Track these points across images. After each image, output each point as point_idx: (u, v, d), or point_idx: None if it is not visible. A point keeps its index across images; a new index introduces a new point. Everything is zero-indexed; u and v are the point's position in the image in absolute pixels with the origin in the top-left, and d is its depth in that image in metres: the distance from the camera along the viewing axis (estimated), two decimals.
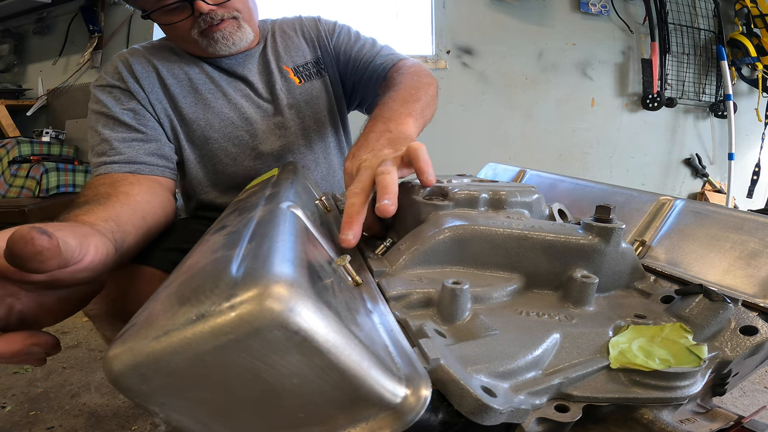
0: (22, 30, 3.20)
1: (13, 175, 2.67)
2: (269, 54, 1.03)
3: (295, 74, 1.04)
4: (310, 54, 1.08)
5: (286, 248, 0.34)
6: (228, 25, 0.90)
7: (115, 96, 0.91)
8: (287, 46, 1.06)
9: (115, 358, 0.27)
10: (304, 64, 1.06)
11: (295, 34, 1.09)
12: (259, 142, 1.02)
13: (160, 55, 0.97)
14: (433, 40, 2.75)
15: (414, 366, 0.33)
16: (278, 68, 1.04)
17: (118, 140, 0.86)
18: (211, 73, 0.98)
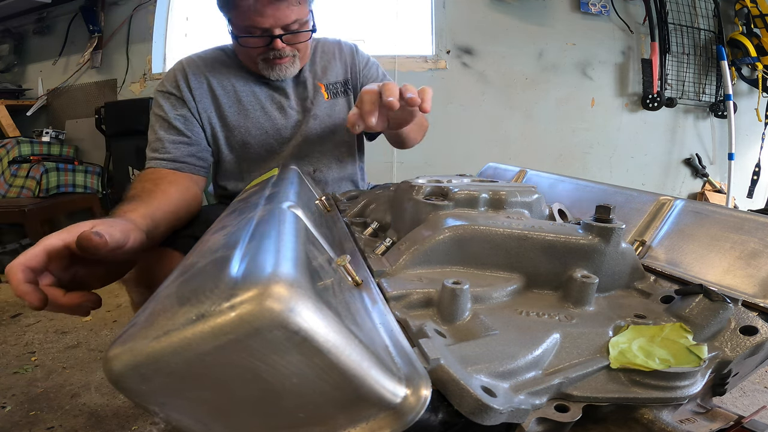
0: (22, 30, 3.20)
1: (13, 175, 2.67)
2: (307, 71, 1.22)
3: (326, 90, 1.23)
4: (342, 75, 1.26)
5: (286, 248, 0.34)
6: (287, 61, 1.10)
7: (171, 102, 1.10)
8: (325, 65, 1.24)
9: (115, 358, 0.27)
10: (335, 83, 1.24)
11: (333, 55, 1.27)
12: (284, 147, 1.21)
13: (213, 67, 1.16)
14: (433, 40, 2.75)
15: (414, 366, 0.33)
16: (314, 84, 1.22)
17: (169, 141, 1.07)
18: (254, 87, 1.17)
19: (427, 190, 0.67)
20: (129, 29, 2.98)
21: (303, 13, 1.07)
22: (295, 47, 1.10)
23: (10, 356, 1.79)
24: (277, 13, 1.02)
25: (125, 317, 2.16)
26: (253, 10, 1.01)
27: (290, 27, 1.06)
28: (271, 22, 1.03)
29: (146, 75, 3.00)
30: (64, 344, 1.89)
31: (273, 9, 1.01)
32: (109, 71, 3.07)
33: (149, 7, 2.94)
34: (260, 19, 1.02)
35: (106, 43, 3.03)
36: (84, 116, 3.11)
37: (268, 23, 1.03)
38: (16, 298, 2.49)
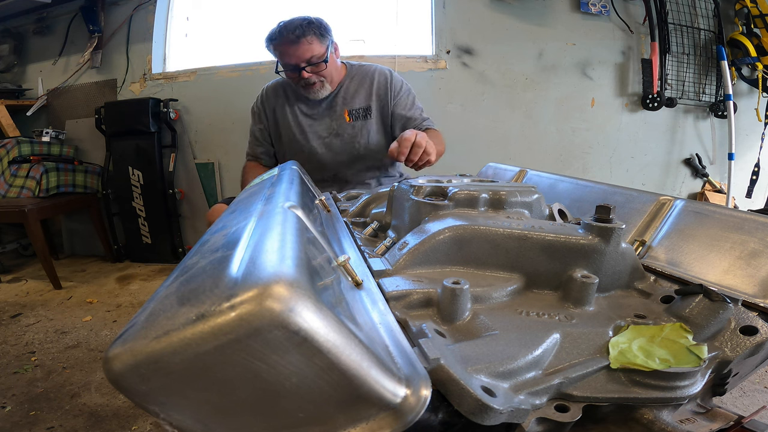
0: (22, 30, 3.20)
1: (13, 175, 2.67)
2: (339, 99, 1.62)
3: (349, 115, 1.62)
4: (365, 102, 1.62)
5: (286, 248, 0.34)
6: (317, 86, 1.55)
7: (256, 117, 1.73)
8: (353, 93, 1.62)
9: (115, 358, 0.27)
10: (357, 109, 1.62)
11: (362, 83, 1.63)
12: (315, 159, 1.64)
13: (277, 93, 1.69)
14: (433, 40, 2.74)
15: (414, 366, 0.33)
16: (341, 111, 1.62)
17: (255, 144, 1.74)
18: (299, 115, 1.64)
19: (427, 190, 0.67)
20: (129, 29, 2.98)
21: (318, 50, 1.48)
22: (320, 75, 1.52)
23: (10, 356, 1.79)
24: (297, 52, 1.47)
25: (125, 317, 2.16)
26: (282, 52, 1.49)
27: (310, 61, 1.48)
28: (294, 60, 1.48)
29: (146, 75, 3.00)
30: (64, 344, 1.89)
31: (293, 50, 1.46)
32: (109, 71, 3.07)
33: (149, 7, 2.94)
34: (286, 58, 1.49)
35: (106, 43, 3.03)
36: (84, 116, 3.11)
37: (293, 61, 1.48)
38: (16, 298, 2.50)
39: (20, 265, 3.09)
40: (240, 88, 2.90)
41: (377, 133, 1.63)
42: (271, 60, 2.91)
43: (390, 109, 1.62)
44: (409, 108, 1.63)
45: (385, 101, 1.62)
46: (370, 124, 1.62)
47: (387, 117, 1.63)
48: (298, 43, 1.45)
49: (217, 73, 2.94)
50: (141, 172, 2.92)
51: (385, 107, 1.62)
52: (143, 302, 0.35)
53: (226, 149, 3.02)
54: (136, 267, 3.00)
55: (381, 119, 1.63)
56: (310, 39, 1.46)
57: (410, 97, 1.65)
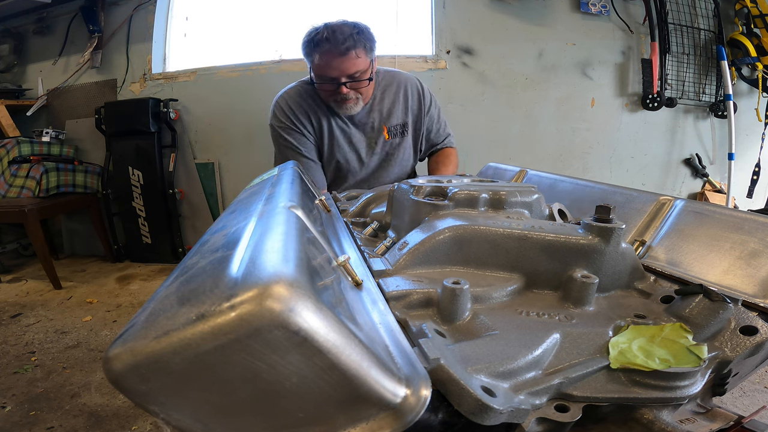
0: (22, 30, 3.20)
1: (13, 175, 2.67)
2: (375, 114, 1.53)
3: (388, 132, 1.55)
4: (401, 118, 1.56)
5: (286, 248, 0.34)
6: (351, 102, 1.42)
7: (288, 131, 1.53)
8: (390, 109, 1.54)
9: (115, 358, 0.27)
10: (395, 125, 1.56)
11: (397, 98, 1.55)
12: (351, 174, 1.58)
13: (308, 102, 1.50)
14: (433, 40, 2.74)
15: (414, 366, 0.33)
16: (378, 127, 1.54)
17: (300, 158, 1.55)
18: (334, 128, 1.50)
19: (427, 190, 0.67)
20: (129, 29, 2.98)
21: (363, 65, 1.36)
22: (358, 91, 1.41)
23: (10, 356, 1.79)
24: (342, 66, 1.33)
25: (125, 317, 2.16)
26: (323, 65, 1.34)
27: (353, 76, 1.36)
28: (336, 74, 1.35)
29: (146, 75, 3.00)
30: (64, 344, 1.89)
31: (338, 62, 1.32)
32: (109, 71, 3.07)
33: (149, 7, 2.94)
34: (327, 70, 1.34)
35: (106, 43, 3.03)
36: (84, 116, 3.11)
37: (334, 74, 1.35)
38: (16, 298, 2.51)
39: (20, 265, 3.09)
40: (240, 88, 2.90)
41: (410, 147, 1.63)
42: (271, 60, 2.92)
43: (422, 125, 1.61)
44: (435, 122, 1.64)
45: (419, 116, 1.59)
46: (406, 140, 1.60)
47: (419, 132, 1.62)
48: (346, 56, 1.31)
49: (217, 73, 2.94)
50: (141, 172, 2.92)
51: (418, 122, 1.60)
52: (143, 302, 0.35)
53: (226, 149, 3.02)
54: (136, 267, 3.00)
55: (414, 134, 1.62)
56: (359, 52, 1.34)
57: (437, 110, 1.64)
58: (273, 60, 2.90)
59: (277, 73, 2.84)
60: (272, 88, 2.84)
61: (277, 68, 2.85)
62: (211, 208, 3.10)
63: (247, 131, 2.95)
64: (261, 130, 2.93)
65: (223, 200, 3.09)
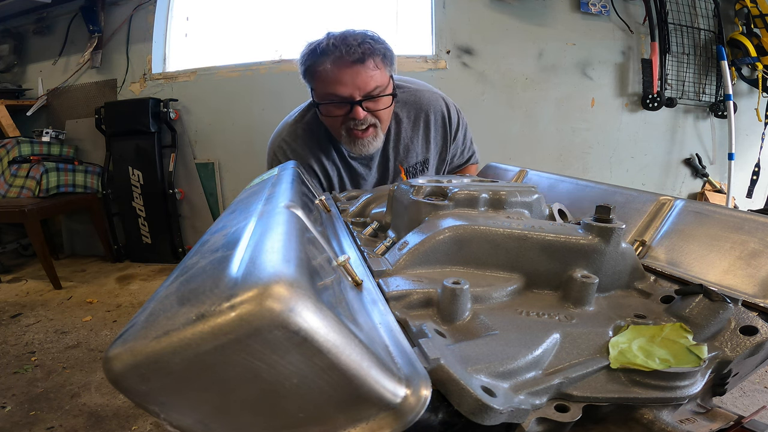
0: (22, 30, 3.20)
1: (13, 175, 2.67)
2: (390, 152, 1.26)
3: (406, 173, 1.28)
4: (422, 155, 1.30)
5: (286, 248, 0.34)
6: (370, 134, 1.10)
7: None
8: (407, 145, 1.28)
9: (115, 358, 0.27)
10: (414, 164, 1.30)
11: (416, 130, 1.27)
12: None
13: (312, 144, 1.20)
14: (433, 40, 2.74)
15: (414, 366, 0.33)
16: (394, 167, 1.28)
17: None
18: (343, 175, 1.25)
19: (427, 190, 0.67)
20: (129, 29, 2.98)
21: (382, 79, 1.06)
22: (377, 114, 1.09)
23: (10, 356, 1.79)
24: (357, 80, 1.01)
25: (125, 317, 2.16)
26: (333, 78, 1.01)
27: (371, 93, 1.05)
28: (350, 90, 1.02)
29: (146, 75, 3.00)
30: (64, 344, 1.89)
31: (352, 75, 1.00)
32: (109, 71, 3.07)
33: (149, 7, 2.94)
34: (340, 87, 1.02)
35: (106, 43, 3.03)
36: (84, 116, 3.11)
37: (347, 91, 1.02)
38: (16, 298, 2.51)
39: (20, 265, 3.09)
40: (240, 88, 2.90)
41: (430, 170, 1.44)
42: (271, 60, 2.92)
43: (447, 154, 1.39)
44: (460, 146, 1.42)
45: (443, 147, 1.35)
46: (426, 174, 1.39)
47: (443, 162, 1.40)
48: (363, 65, 1.01)
49: (217, 73, 2.94)
50: (141, 172, 2.92)
51: (443, 152, 1.37)
52: (143, 302, 0.35)
53: (226, 149, 3.02)
54: (136, 267, 3.00)
55: (437, 166, 1.40)
56: (377, 62, 1.04)
57: (463, 133, 1.40)
58: (273, 60, 2.91)
59: (277, 73, 2.84)
60: (272, 88, 2.86)
61: (277, 68, 2.85)
62: (211, 208, 3.10)
63: (247, 131, 2.95)
64: (261, 130, 2.93)
65: (223, 200, 3.09)
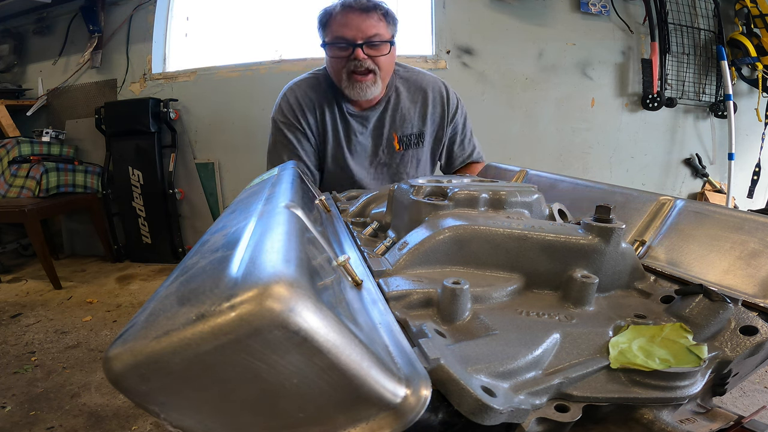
0: (22, 30, 3.20)
1: (13, 175, 2.67)
2: (386, 119, 1.37)
3: (399, 142, 1.38)
4: (418, 127, 1.40)
5: (286, 248, 0.34)
6: (369, 79, 1.24)
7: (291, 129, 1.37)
8: (402, 116, 1.38)
9: (115, 358, 0.27)
10: (409, 135, 1.39)
11: (414, 101, 1.39)
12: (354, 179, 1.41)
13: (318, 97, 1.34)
14: (433, 40, 2.74)
15: (414, 366, 0.33)
16: (388, 134, 1.38)
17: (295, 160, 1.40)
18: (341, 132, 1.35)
19: (427, 190, 0.67)
20: (129, 29, 2.98)
21: (384, 31, 1.24)
22: (376, 61, 1.24)
23: (10, 356, 1.79)
24: (361, 25, 1.20)
25: (125, 317, 2.16)
26: (341, 22, 1.21)
27: (372, 39, 1.21)
28: (353, 33, 1.21)
29: (146, 75, 3.00)
30: (64, 344, 1.89)
31: (357, 21, 1.20)
32: (109, 71, 3.07)
33: (149, 7, 2.94)
34: (345, 29, 1.21)
35: (106, 43, 3.03)
36: (84, 116, 3.11)
37: (351, 34, 1.21)
38: (16, 298, 2.51)
39: (20, 265, 3.09)
40: (240, 88, 2.90)
41: (427, 162, 1.46)
42: (271, 60, 2.92)
43: (444, 135, 1.44)
44: (460, 132, 1.47)
45: (440, 125, 1.43)
46: (421, 152, 1.43)
47: (439, 142, 1.45)
48: (368, 14, 1.20)
49: (217, 73, 2.94)
50: (141, 172, 2.92)
51: (439, 131, 1.43)
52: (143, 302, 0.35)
53: (226, 149, 3.02)
54: (136, 267, 3.00)
55: (432, 146, 1.45)
56: (380, 16, 1.23)
57: (462, 119, 1.47)
58: (273, 60, 2.91)
59: (277, 73, 2.84)
60: (272, 88, 2.85)
61: (277, 68, 2.85)
62: (211, 208, 3.10)
63: (247, 131, 2.95)
64: (261, 130, 2.93)
65: (223, 200, 3.09)
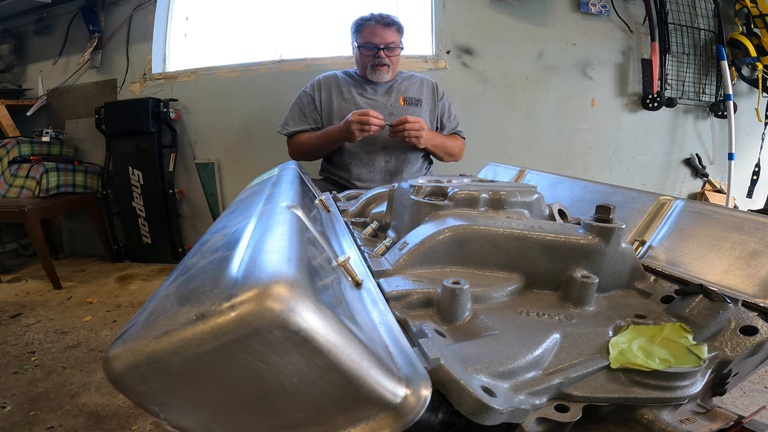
0: (22, 30, 3.20)
1: (13, 175, 2.67)
2: (395, 88, 1.96)
3: (404, 100, 1.94)
4: (416, 95, 1.97)
5: (286, 248, 0.34)
6: (384, 69, 1.88)
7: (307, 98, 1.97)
8: (407, 87, 1.98)
9: (115, 358, 0.27)
10: (411, 97, 1.95)
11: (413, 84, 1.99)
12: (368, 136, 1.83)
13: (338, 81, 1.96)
14: (433, 40, 2.74)
15: (414, 366, 0.33)
16: (396, 96, 1.94)
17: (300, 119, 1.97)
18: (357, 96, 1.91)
19: (427, 190, 0.67)
20: (129, 29, 2.98)
21: (397, 39, 1.87)
22: (390, 59, 1.87)
23: (10, 356, 1.79)
24: (384, 34, 1.84)
25: (125, 317, 2.16)
26: (371, 31, 1.84)
27: (389, 45, 1.85)
28: (378, 40, 1.83)
29: (146, 75, 3.00)
30: (64, 344, 1.89)
31: (381, 32, 1.83)
32: (109, 71, 3.07)
33: (149, 7, 2.94)
34: (373, 37, 1.83)
35: (106, 43, 3.03)
36: (84, 116, 3.11)
37: (377, 40, 1.83)
38: (16, 298, 2.50)
39: (20, 265, 3.09)
40: (240, 88, 2.90)
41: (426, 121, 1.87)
42: (271, 60, 2.92)
43: (437, 111, 1.99)
44: (446, 111, 2.02)
45: (433, 102, 1.99)
46: (421, 112, 1.93)
47: (435, 116, 1.99)
48: (389, 28, 1.83)
49: (217, 73, 2.94)
50: (141, 172, 2.92)
51: (433, 105, 1.98)
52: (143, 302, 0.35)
53: (226, 149, 3.01)
54: (136, 267, 3.00)
55: (430, 113, 1.98)
56: (396, 30, 1.87)
57: (448, 103, 2.04)
58: (273, 60, 2.90)
59: (277, 73, 2.84)
60: (272, 88, 2.86)
61: (277, 68, 2.85)
62: (211, 208, 3.10)
63: (247, 131, 2.95)
64: (261, 130, 2.93)
65: (223, 200, 3.09)
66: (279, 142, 2.79)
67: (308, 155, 1.94)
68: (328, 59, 2.75)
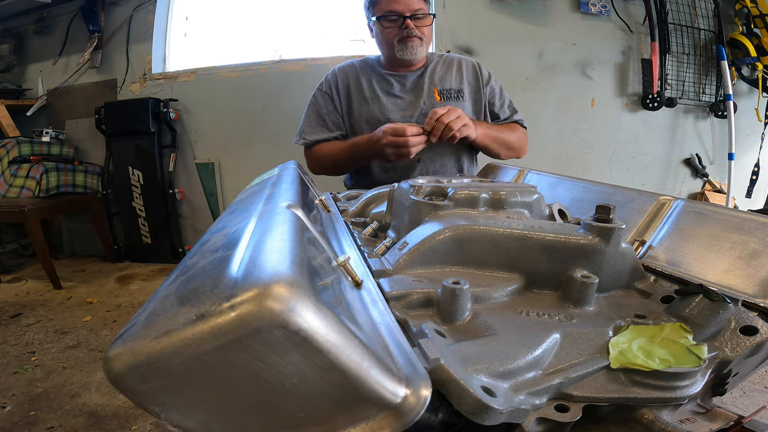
0: (22, 30, 3.20)
1: (13, 175, 2.67)
2: (426, 78, 1.54)
3: (439, 94, 1.53)
4: (456, 84, 1.55)
5: (286, 248, 0.34)
6: (415, 41, 1.46)
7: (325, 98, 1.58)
8: (442, 76, 1.56)
9: (115, 358, 0.27)
10: (449, 89, 1.54)
11: (450, 68, 1.58)
12: None
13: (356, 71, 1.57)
14: (434, 40, 2.75)
15: (414, 366, 0.33)
16: (428, 89, 1.53)
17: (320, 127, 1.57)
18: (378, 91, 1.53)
19: (427, 190, 0.67)
20: (129, 29, 2.98)
21: (424, 6, 1.46)
22: (421, 30, 1.46)
23: (10, 356, 1.79)
24: (408, 1, 1.42)
25: (125, 317, 2.16)
26: None
27: (416, 13, 1.44)
28: (402, 8, 1.43)
29: (146, 75, 3.00)
30: (64, 344, 1.89)
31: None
32: (109, 71, 3.07)
33: (149, 7, 2.94)
34: (395, 4, 1.43)
35: (106, 43, 3.03)
36: (84, 116, 3.11)
37: (400, 8, 1.43)
38: (16, 298, 2.50)
39: (20, 265, 3.09)
40: (240, 88, 2.90)
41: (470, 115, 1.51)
42: (271, 60, 2.92)
43: (484, 99, 1.55)
44: (498, 97, 1.58)
45: (477, 88, 1.55)
46: (463, 106, 1.50)
47: (481, 106, 1.55)
48: None
49: (217, 73, 2.94)
50: (141, 172, 2.92)
51: (478, 94, 1.55)
52: (143, 302, 0.35)
53: (226, 149, 3.02)
54: (136, 267, 3.00)
55: (474, 104, 1.55)
56: None
57: (498, 87, 1.60)
58: (273, 60, 2.91)
59: (277, 73, 2.84)
60: (272, 88, 2.86)
61: (277, 68, 2.85)
62: (211, 208, 3.10)
63: (247, 131, 2.95)
64: (261, 130, 2.93)
65: (223, 200, 3.09)
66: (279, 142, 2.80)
67: (332, 169, 1.56)
68: (328, 59, 2.76)
